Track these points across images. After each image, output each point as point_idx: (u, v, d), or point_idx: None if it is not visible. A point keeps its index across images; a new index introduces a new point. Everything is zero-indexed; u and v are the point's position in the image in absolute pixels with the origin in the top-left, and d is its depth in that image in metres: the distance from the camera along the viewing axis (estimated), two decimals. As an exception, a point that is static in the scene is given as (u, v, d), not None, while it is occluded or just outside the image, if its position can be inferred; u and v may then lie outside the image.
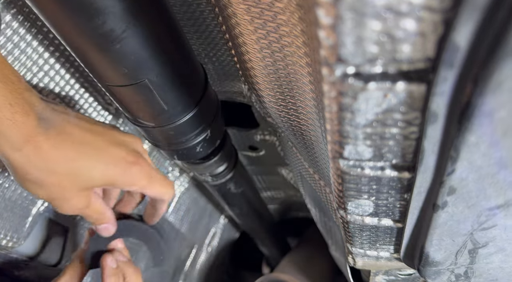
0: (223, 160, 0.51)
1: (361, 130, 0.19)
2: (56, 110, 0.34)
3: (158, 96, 0.34)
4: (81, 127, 0.36)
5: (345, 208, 0.26)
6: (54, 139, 0.33)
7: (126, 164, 0.37)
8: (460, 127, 0.16)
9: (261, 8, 0.24)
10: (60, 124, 0.34)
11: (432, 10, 0.14)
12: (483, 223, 0.23)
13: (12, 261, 0.48)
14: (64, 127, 0.34)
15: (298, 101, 0.30)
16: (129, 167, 0.38)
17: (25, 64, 0.41)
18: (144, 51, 0.30)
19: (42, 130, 0.32)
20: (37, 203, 0.47)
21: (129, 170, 0.38)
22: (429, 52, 0.15)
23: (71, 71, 0.45)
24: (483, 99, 0.15)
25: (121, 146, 0.38)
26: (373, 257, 0.32)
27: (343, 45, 0.15)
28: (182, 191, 0.73)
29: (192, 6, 0.40)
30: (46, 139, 0.32)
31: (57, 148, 0.33)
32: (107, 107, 0.51)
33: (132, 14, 0.27)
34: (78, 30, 0.27)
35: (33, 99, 0.32)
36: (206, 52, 0.46)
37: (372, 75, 0.16)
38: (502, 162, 0.18)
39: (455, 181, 0.19)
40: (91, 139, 0.36)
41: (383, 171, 0.22)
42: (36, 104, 0.32)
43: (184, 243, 0.79)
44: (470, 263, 0.27)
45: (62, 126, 0.34)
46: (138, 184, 0.39)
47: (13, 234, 0.44)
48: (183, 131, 0.39)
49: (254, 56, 0.30)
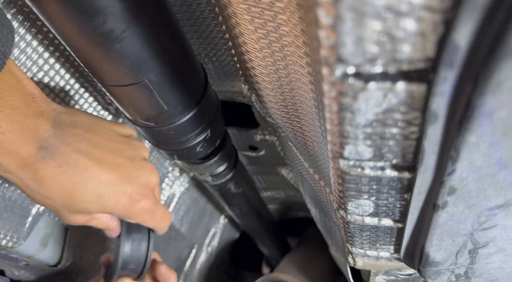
0: (223, 159, 0.51)
1: (361, 130, 0.19)
2: (66, 138, 0.33)
3: (158, 96, 0.34)
4: (90, 158, 0.34)
5: (345, 208, 0.26)
6: (52, 169, 0.32)
7: (130, 201, 0.36)
8: (460, 127, 0.16)
9: (261, 7, 0.24)
10: (64, 154, 0.32)
11: (432, 10, 0.14)
12: (483, 223, 0.23)
13: (12, 261, 0.48)
14: (68, 157, 0.32)
15: (298, 101, 0.30)
16: (133, 204, 0.37)
17: (25, 64, 0.41)
18: (144, 51, 0.30)
19: (40, 159, 0.31)
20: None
21: (132, 207, 0.37)
22: (429, 52, 0.15)
23: (71, 71, 0.45)
24: (483, 99, 0.15)
25: (131, 181, 0.36)
26: (373, 257, 0.32)
27: (343, 45, 0.15)
28: (182, 191, 0.73)
29: (192, 6, 0.40)
30: (43, 169, 0.31)
31: (54, 179, 0.32)
32: (107, 107, 0.51)
33: (132, 14, 0.27)
34: (78, 30, 0.27)
35: (39, 125, 0.31)
36: (206, 52, 0.46)
37: (372, 75, 0.16)
38: (502, 162, 0.18)
39: (455, 181, 0.19)
40: (97, 173, 0.34)
41: (383, 171, 0.22)
42: (41, 131, 0.31)
43: (184, 243, 0.79)
44: (470, 263, 0.27)
45: (66, 156, 0.32)
46: (138, 219, 0.39)
47: (13, 234, 0.44)
48: (183, 131, 0.39)
49: (254, 56, 0.30)
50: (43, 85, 0.43)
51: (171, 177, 0.69)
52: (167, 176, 0.68)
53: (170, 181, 0.69)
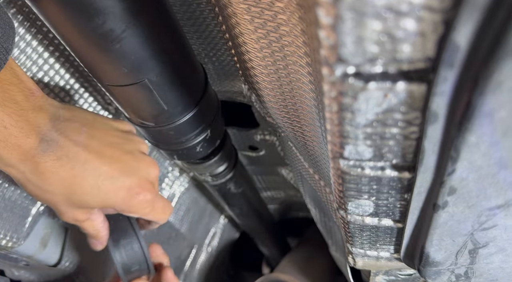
0: (223, 159, 0.51)
1: (361, 130, 0.19)
2: (65, 131, 0.33)
3: (158, 96, 0.34)
4: (90, 151, 0.34)
5: (345, 208, 0.26)
6: (52, 162, 0.32)
7: (129, 194, 0.36)
8: (460, 127, 0.16)
9: (261, 7, 0.24)
10: (64, 148, 0.33)
11: (432, 10, 0.14)
12: (483, 223, 0.23)
13: (12, 261, 0.48)
14: (68, 150, 0.33)
15: (298, 101, 0.30)
16: (132, 197, 0.37)
17: (25, 64, 0.41)
18: (144, 51, 0.30)
19: (41, 152, 0.32)
20: (37, 203, 0.47)
21: (131, 200, 0.37)
22: (429, 52, 0.15)
23: (71, 71, 0.45)
24: (483, 99, 0.15)
25: (131, 175, 0.36)
26: (373, 257, 0.32)
27: (343, 45, 0.15)
28: (182, 191, 0.73)
29: (192, 6, 0.40)
30: (44, 162, 0.32)
31: (54, 172, 0.32)
32: (107, 107, 0.51)
33: (132, 14, 0.27)
34: (78, 30, 0.27)
35: (39, 119, 0.31)
36: (206, 52, 0.46)
37: (372, 75, 0.16)
38: (502, 162, 0.18)
39: (456, 181, 0.19)
40: (96, 165, 0.34)
41: (383, 171, 0.22)
42: (41, 125, 0.32)
43: (184, 243, 0.79)
44: (471, 263, 0.27)
45: (66, 149, 0.33)
46: (139, 213, 0.39)
47: (13, 234, 0.44)
48: (183, 131, 0.39)
49: (254, 56, 0.30)
50: (43, 85, 0.43)
51: (171, 177, 0.69)
52: (167, 176, 0.68)
53: (170, 181, 0.69)
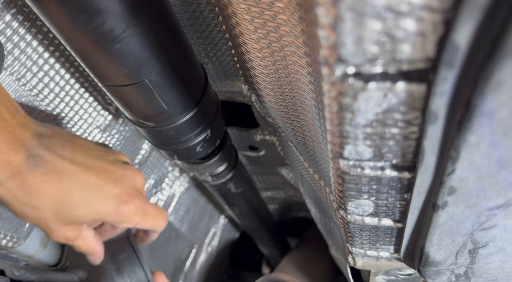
0: (223, 159, 0.51)
1: (361, 130, 0.19)
2: (50, 146, 0.34)
3: (158, 96, 0.34)
4: (75, 164, 0.35)
5: (345, 208, 0.26)
6: (40, 177, 0.32)
7: (118, 203, 0.37)
8: (460, 127, 0.16)
9: (261, 7, 0.24)
10: (50, 162, 0.33)
11: (432, 10, 0.14)
12: (483, 223, 0.23)
13: (12, 261, 0.48)
14: (54, 164, 0.33)
15: (298, 101, 0.30)
16: (122, 205, 0.37)
17: (25, 64, 0.41)
18: (144, 51, 0.30)
19: (29, 167, 0.32)
20: (37, 203, 0.47)
21: (121, 208, 0.37)
22: (429, 52, 0.15)
23: (71, 71, 0.45)
24: (483, 99, 0.15)
25: (117, 183, 0.37)
26: (373, 257, 0.32)
27: (343, 45, 0.15)
28: (182, 191, 0.73)
29: (192, 6, 0.40)
30: (32, 178, 0.32)
31: (42, 187, 0.33)
32: (107, 107, 0.51)
33: (132, 14, 0.27)
34: (78, 30, 0.27)
35: (25, 135, 0.32)
36: (206, 52, 0.46)
37: (372, 75, 0.16)
38: (502, 162, 0.18)
39: (455, 181, 0.19)
40: (83, 177, 0.35)
41: (383, 171, 0.22)
42: (27, 141, 0.32)
43: (184, 243, 0.79)
44: (470, 263, 0.27)
45: (52, 163, 0.33)
46: (131, 222, 0.39)
47: (13, 234, 0.44)
48: (183, 131, 0.39)
49: (254, 56, 0.30)
50: (43, 85, 0.43)
51: (171, 177, 0.69)
52: (167, 176, 0.68)
53: (170, 181, 0.69)
